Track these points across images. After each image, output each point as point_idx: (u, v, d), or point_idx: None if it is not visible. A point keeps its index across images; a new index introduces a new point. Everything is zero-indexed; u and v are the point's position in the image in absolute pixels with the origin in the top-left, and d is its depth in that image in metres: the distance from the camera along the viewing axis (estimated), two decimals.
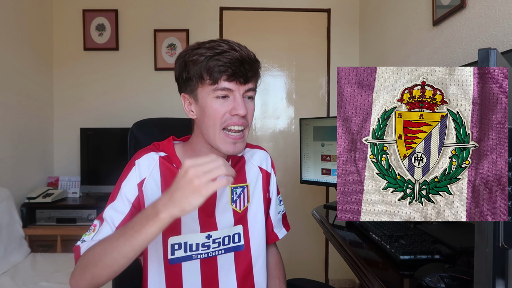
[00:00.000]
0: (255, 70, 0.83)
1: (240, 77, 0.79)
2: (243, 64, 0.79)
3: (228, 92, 0.81)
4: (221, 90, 0.80)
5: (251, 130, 2.65)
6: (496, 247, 0.54)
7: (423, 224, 1.17)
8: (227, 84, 0.79)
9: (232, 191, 0.94)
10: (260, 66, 0.86)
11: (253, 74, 0.82)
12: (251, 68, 0.81)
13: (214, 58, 0.78)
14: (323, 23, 2.65)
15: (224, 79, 0.79)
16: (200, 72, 0.80)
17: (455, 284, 0.75)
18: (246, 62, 0.79)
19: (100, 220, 0.83)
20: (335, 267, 2.65)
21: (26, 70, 2.25)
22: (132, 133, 1.15)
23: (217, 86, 0.79)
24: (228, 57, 0.78)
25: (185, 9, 2.58)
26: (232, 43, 0.81)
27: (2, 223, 1.76)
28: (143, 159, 0.88)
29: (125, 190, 0.85)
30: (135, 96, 2.58)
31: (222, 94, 0.80)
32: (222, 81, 0.79)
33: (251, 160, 1.00)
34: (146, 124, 1.20)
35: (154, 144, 0.93)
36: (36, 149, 2.36)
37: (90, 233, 0.81)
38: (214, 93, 0.80)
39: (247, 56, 0.80)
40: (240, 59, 0.78)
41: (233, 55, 0.78)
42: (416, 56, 1.78)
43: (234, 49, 0.79)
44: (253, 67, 0.82)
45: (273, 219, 1.05)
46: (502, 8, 1.19)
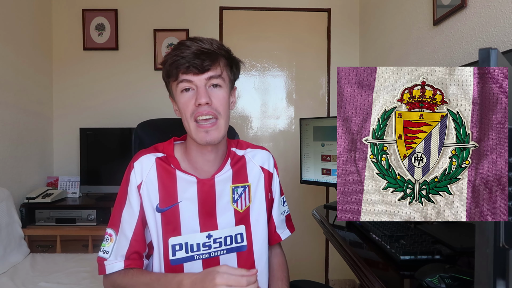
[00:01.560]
0: (214, 58, 0.84)
1: (195, 68, 0.82)
2: (198, 55, 0.82)
3: (189, 84, 0.84)
4: (181, 82, 0.84)
5: (251, 129, 2.65)
6: (497, 247, 0.54)
7: (423, 224, 1.17)
8: (185, 76, 0.83)
9: (233, 191, 0.94)
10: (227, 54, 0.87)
11: (210, 62, 0.83)
12: (209, 57, 0.83)
13: (174, 55, 0.83)
14: (323, 23, 2.65)
15: (182, 72, 0.83)
16: (167, 71, 0.85)
17: (455, 285, 0.75)
18: (203, 53, 0.82)
19: (114, 230, 0.89)
20: (335, 267, 2.65)
21: (25, 69, 2.25)
22: (136, 134, 1.16)
23: (178, 80, 0.84)
24: (186, 51, 0.82)
25: (185, 9, 2.58)
26: (197, 39, 0.84)
27: (2, 223, 1.75)
28: (140, 162, 0.90)
29: (131, 196, 0.88)
30: (134, 96, 2.58)
31: (184, 86, 0.84)
32: (181, 75, 0.83)
33: (253, 160, 1.00)
34: (150, 124, 1.21)
35: (155, 146, 0.94)
36: (35, 149, 2.36)
37: (109, 243, 0.88)
38: (178, 87, 0.85)
39: (203, 48, 0.83)
40: (195, 52, 0.82)
41: (190, 49, 0.82)
42: (416, 56, 1.78)
43: (195, 43, 0.83)
44: (211, 56, 0.83)
45: (276, 219, 1.04)
46: (502, 8, 1.18)
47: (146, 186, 0.88)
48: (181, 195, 0.89)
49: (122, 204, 0.89)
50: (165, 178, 0.89)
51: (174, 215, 0.88)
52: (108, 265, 0.87)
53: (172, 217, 0.88)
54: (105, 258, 0.87)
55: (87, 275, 1.67)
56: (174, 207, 0.88)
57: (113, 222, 0.89)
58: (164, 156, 0.91)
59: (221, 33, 2.60)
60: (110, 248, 0.88)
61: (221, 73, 0.86)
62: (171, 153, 0.91)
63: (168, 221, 0.88)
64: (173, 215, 0.88)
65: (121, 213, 0.89)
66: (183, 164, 0.91)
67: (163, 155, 0.91)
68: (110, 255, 0.87)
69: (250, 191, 0.96)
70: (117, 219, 0.89)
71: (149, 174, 0.88)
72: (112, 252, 0.87)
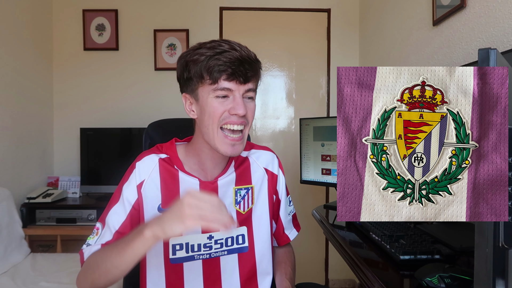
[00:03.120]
0: (255, 70, 0.83)
1: (240, 77, 0.79)
2: (243, 63, 0.79)
3: (228, 92, 0.81)
4: (221, 90, 0.80)
5: (251, 130, 2.65)
6: (496, 247, 0.54)
7: (423, 224, 1.17)
8: (226, 84, 0.79)
9: (236, 193, 0.93)
10: (261, 67, 0.86)
11: (253, 74, 0.82)
12: (251, 68, 0.81)
13: (214, 57, 0.78)
14: (323, 23, 2.65)
15: (224, 79, 0.79)
16: (201, 72, 0.80)
17: (455, 284, 0.75)
18: (246, 62, 0.79)
19: (101, 223, 0.87)
20: (335, 267, 2.65)
21: (26, 70, 2.25)
22: (147, 133, 1.16)
23: (217, 85, 0.80)
24: (228, 56, 0.78)
25: (185, 9, 2.58)
26: (233, 43, 0.81)
27: (2, 223, 1.75)
28: (143, 162, 0.89)
29: (126, 193, 0.86)
30: (135, 96, 2.58)
31: (222, 94, 0.80)
32: (222, 81, 0.79)
33: (257, 162, 0.99)
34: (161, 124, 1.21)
35: (157, 146, 0.94)
36: (36, 149, 2.36)
37: (94, 237, 0.86)
38: (214, 93, 0.81)
39: (247, 56, 0.80)
40: (240, 59, 0.78)
41: (233, 54, 0.78)
42: (416, 56, 1.78)
43: (235, 48, 0.79)
44: (253, 67, 0.81)
45: (284, 220, 1.04)
46: (502, 8, 1.19)
47: (148, 185, 0.87)
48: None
49: (115, 200, 0.88)
50: (167, 179, 0.88)
51: None
52: (86, 252, 0.83)
53: None
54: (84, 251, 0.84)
55: None
56: None
57: (103, 217, 0.87)
58: (167, 157, 0.90)
59: (221, 33, 2.60)
60: (94, 241, 0.84)
61: (256, 87, 0.85)
62: (174, 155, 0.91)
63: None
64: None
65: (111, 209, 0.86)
66: (187, 166, 0.91)
67: (166, 156, 0.91)
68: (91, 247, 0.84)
69: (253, 193, 0.96)
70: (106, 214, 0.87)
71: (152, 174, 0.88)
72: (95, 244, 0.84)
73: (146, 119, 1.24)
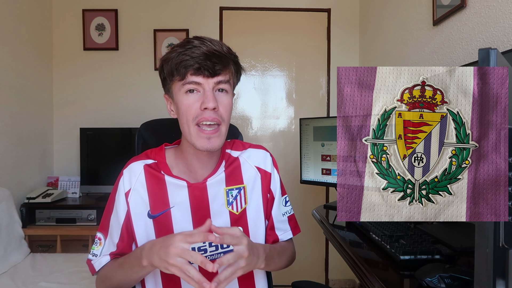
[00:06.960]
0: (225, 62, 0.82)
1: (206, 70, 0.79)
2: (210, 57, 0.79)
3: (196, 86, 0.81)
4: (188, 83, 0.81)
5: (251, 130, 2.65)
6: (497, 247, 0.54)
7: (423, 224, 1.17)
8: (194, 78, 0.80)
9: (227, 194, 0.92)
10: (236, 59, 0.86)
11: (222, 66, 0.81)
12: (220, 61, 0.81)
13: (182, 54, 0.80)
14: (323, 23, 2.65)
15: (191, 73, 0.80)
16: (171, 69, 0.81)
17: (455, 284, 0.75)
18: (215, 56, 0.80)
19: (103, 234, 0.90)
20: (335, 267, 2.65)
21: (26, 70, 2.25)
22: (140, 134, 1.15)
23: (185, 80, 0.81)
24: (196, 52, 0.79)
25: (185, 9, 2.58)
26: (205, 39, 0.82)
27: (2, 223, 1.75)
28: (129, 169, 0.90)
29: (117, 204, 0.89)
30: (135, 96, 2.58)
31: (189, 87, 0.81)
32: (189, 76, 0.80)
33: (248, 161, 0.97)
34: (153, 124, 1.20)
35: (146, 152, 0.94)
36: (36, 149, 2.36)
37: (98, 247, 0.90)
38: (183, 88, 0.82)
39: (215, 50, 0.80)
40: (206, 53, 0.79)
41: (201, 49, 0.79)
42: (416, 56, 1.78)
43: (204, 44, 0.80)
44: (223, 60, 0.81)
45: (275, 219, 1.00)
46: (502, 8, 1.18)
47: (134, 193, 0.88)
48: (172, 201, 0.88)
49: (110, 209, 0.90)
50: (154, 184, 0.88)
51: (166, 220, 0.88)
52: (96, 263, 0.89)
53: (165, 223, 0.87)
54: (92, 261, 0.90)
55: (87, 275, 1.67)
56: (166, 213, 0.88)
57: (103, 226, 0.91)
58: (154, 162, 0.90)
59: (221, 33, 2.60)
60: (99, 251, 0.89)
61: (229, 79, 0.84)
62: (162, 160, 0.90)
63: (161, 226, 0.87)
64: (166, 221, 0.88)
65: (109, 218, 0.90)
66: (175, 169, 0.90)
67: (153, 162, 0.90)
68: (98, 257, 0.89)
69: (246, 193, 0.94)
70: (106, 224, 0.90)
71: (137, 181, 0.88)
72: (101, 254, 0.89)
73: (146, 119, 1.23)
